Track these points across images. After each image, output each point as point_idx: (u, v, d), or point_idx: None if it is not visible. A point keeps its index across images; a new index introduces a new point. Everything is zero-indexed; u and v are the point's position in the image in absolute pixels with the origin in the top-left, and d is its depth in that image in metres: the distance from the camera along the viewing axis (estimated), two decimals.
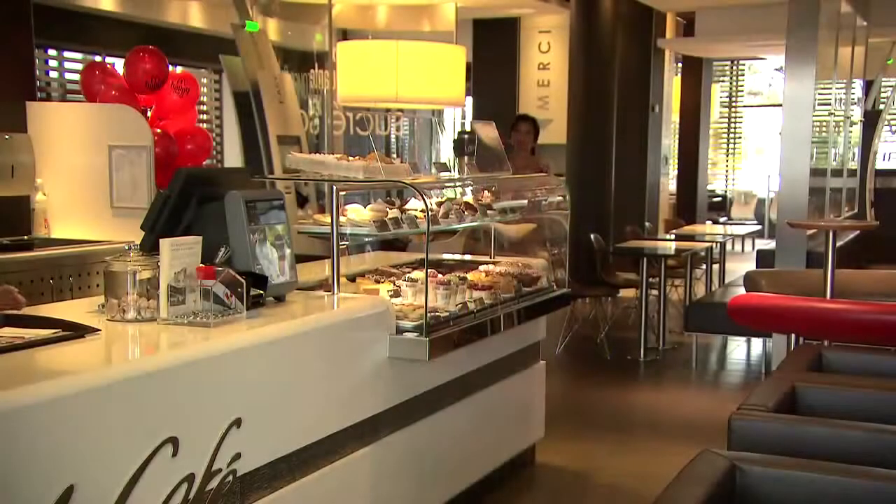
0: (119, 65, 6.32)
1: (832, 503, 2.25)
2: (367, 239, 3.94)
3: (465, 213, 4.08)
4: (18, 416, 1.97)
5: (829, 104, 7.69)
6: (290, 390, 2.83)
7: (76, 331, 2.47)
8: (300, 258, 3.35)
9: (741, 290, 5.97)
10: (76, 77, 7.98)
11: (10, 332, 2.43)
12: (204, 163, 6.49)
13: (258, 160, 8.17)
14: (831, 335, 4.51)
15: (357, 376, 3.16)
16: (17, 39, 5.06)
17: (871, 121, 10.63)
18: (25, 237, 4.94)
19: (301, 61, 9.01)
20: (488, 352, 4.02)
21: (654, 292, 7.46)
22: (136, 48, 6.00)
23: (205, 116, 9.77)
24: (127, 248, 2.85)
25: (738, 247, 13.69)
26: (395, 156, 9.31)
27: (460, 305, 3.67)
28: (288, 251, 3.10)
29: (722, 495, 2.16)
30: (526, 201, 4.43)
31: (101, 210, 5.01)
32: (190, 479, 2.38)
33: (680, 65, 12.91)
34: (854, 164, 9.60)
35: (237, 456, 2.55)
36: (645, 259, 7.11)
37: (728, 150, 15.77)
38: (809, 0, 6.46)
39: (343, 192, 3.55)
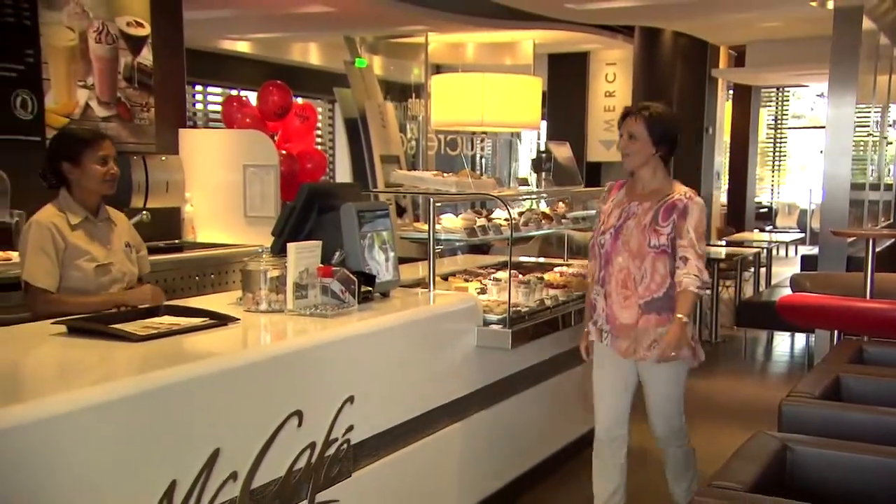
0: (252, 97, 6.49)
1: (872, 480, 2.16)
2: (458, 244, 3.95)
3: (543, 221, 4.06)
4: (177, 389, 2.02)
5: (868, 126, 7.41)
6: (393, 373, 2.84)
7: (220, 320, 2.53)
8: (402, 260, 3.38)
9: (786, 291, 5.78)
10: (217, 108, 8.23)
11: (169, 320, 2.51)
12: (320, 179, 6.60)
13: (364, 176, 8.29)
14: (871, 331, 4.33)
15: (449, 362, 3.16)
16: (174, 78, 5.22)
17: None
18: (176, 241, 5.05)
19: (401, 92, 9.10)
20: (561, 342, 3.98)
21: (708, 292, 7.28)
22: (266, 83, 6.15)
23: (320, 139, 9.95)
24: (260, 251, 2.93)
25: (782, 252, 13.26)
26: (478, 172, 9.31)
27: (538, 302, 3.65)
28: (392, 254, 3.12)
29: (774, 471, 2.10)
30: (595, 211, 4.38)
31: (237, 218, 5.09)
32: (312, 446, 2.42)
33: (731, 92, 12.59)
34: (889, 179, 9.22)
35: (350, 428, 2.58)
36: None
37: (773, 167, 15.36)
38: (852, 34, 6.23)
39: (438, 204, 3.57)
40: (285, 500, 2.33)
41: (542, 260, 4.92)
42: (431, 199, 3.44)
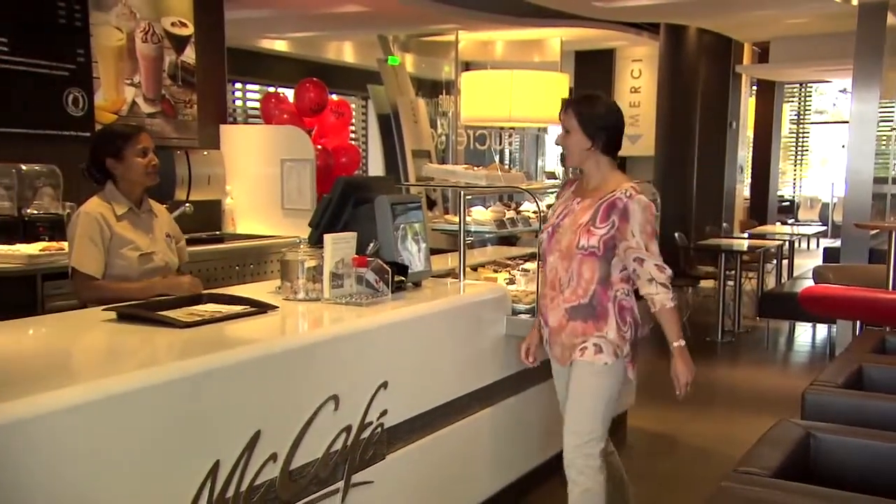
0: (289, 94, 6.52)
1: (894, 467, 2.13)
2: (487, 235, 3.93)
3: None
4: (220, 373, 2.05)
5: (891, 121, 7.26)
6: (425, 360, 2.85)
7: (261, 307, 2.54)
8: (433, 251, 3.37)
9: (808, 283, 5.69)
10: (256, 104, 8.29)
11: (212, 308, 2.54)
12: (354, 173, 6.61)
13: (396, 170, 8.31)
14: (893, 322, 4.25)
15: (479, 349, 3.16)
16: (216, 76, 5.26)
17: None
18: (217, 232, 5.08)
19: (432, 89, 9.10)
20: None
21: (731, 283, 7.20)
22: (302, 80, 6.17)
23: (354, 135, 9.98)
24: (298, 241, 2.94)
25: (804, 245, 13.09)
26: (507, 166, 9.26)
27: None
28: (424, 245, 3.12)
29: (798, 458, 2.08)
30: None
31: (274, 211, 5.11)
32: (348, 429, 2.43)
33: (755, 87, 12.41)
34: None
35: (384, 412, 2.59)
36: (723, 254, 6.89)
37: (796, 161, 15.14)
38: (876, 31, 6.11)
39: (469, 197, 3.55)
40: (322, 481, 2.35)
41: None
42: (462, 192, 3.43)
